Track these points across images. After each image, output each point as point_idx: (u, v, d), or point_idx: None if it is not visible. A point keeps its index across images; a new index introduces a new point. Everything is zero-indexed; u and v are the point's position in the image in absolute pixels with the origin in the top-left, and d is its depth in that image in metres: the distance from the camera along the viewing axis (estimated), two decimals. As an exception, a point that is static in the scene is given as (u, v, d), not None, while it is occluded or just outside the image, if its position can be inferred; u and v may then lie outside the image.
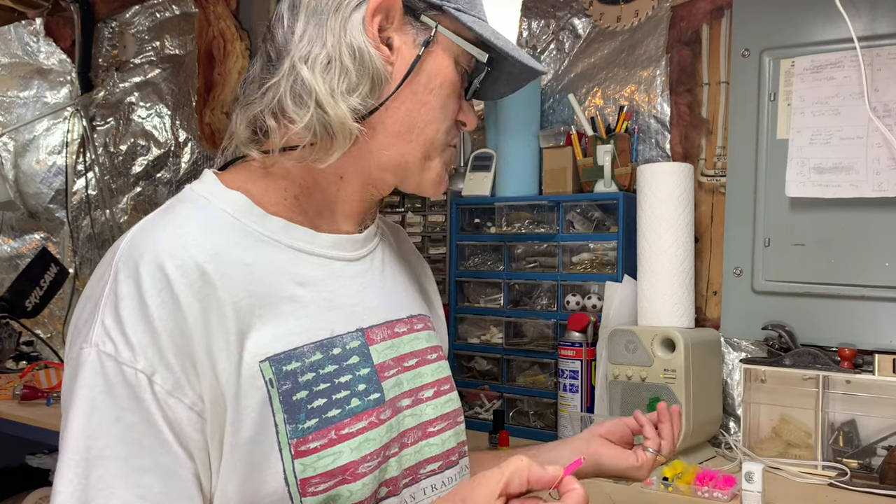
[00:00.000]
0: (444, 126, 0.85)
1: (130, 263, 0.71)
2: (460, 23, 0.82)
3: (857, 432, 1.44)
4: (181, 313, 0.69)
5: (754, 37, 1.64)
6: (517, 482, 0.65)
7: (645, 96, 1.83)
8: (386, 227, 0.99)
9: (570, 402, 1.62)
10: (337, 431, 0.75)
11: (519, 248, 1.88)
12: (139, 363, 0.68)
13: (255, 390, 0.72)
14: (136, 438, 0.67)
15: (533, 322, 1.85)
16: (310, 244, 0.82)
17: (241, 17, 2.64)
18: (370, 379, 0.81)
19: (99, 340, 0.69)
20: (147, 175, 2.94)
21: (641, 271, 1.60)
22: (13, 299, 2.57)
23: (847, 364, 1.44)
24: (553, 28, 1.98)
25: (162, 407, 0.68)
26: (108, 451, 0.67)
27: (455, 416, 0.92)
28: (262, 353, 0.73)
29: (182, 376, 0.69)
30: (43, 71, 3.26)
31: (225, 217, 0.78)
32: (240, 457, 0.71)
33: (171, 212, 0.78)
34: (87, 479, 0.66)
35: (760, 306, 1.61)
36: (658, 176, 1.58)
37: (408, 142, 0.84)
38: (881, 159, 1.47)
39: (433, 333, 0.95)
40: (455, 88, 0.85)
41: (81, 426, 0.67)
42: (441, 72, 0.84)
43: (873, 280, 1.49)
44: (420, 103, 0.83)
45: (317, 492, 0.73)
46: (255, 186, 0.81)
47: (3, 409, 2.04)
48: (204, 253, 0.73)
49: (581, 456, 0.72)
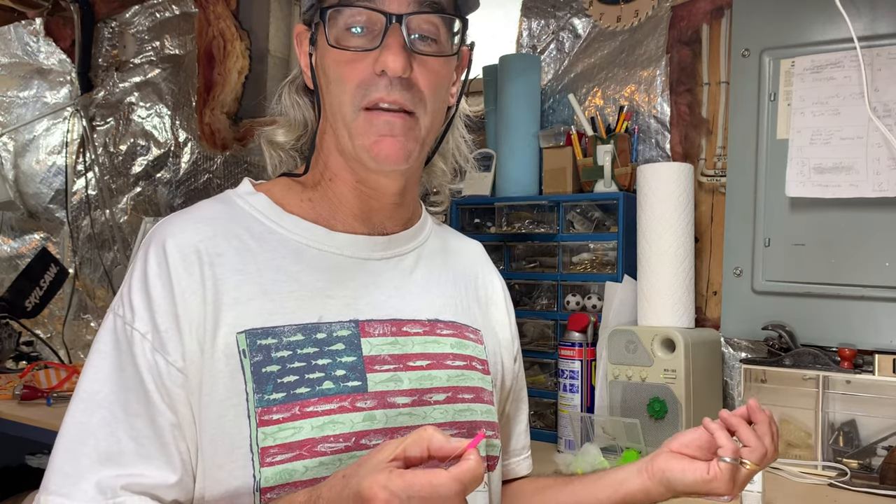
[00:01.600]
0: (344, 96, 0.85)
1: (146, 244, 0.84)
2: None
3: (857, 432, 1.44)
4: (171, 283, 0.81)
5: (754, 37, 1.64)
6: (417, 449, 0.66)
7: (645, 96, 1.83)
8: (443, 238, 1.02)
9: (570, 402, 1.62)
10: (301, 408, 0.80)
11: (519, 248, 1.88)
12: (137, 323, 0.80)
13: (228, 357, 0.80)
14: (131, 387, 0.79)
15: (533, 322, 1.85)
16: (321, 240, 0.88)
17: (241, 17, 2.64)
18: (353, 367, 0.83)
19: (116, 304, 0.83)
20: (147, 175, 2.94)
21: (641, 271, 1.60)
22: (13, 299, 2.58)
23: (847, 364, 1.44)
24: (553, 28, 1.98)
25: (148, 361, 0.79)
26: (112, 397, 0.79)
27: (473, 427, 0.91)
28: (240, 326, 0.81)
29: (166, 336, 0.80)
30: (43, 71, 3.26)
31: (240, 212, 0.88)
32: (210, 415, 0.79)
33: (195, 206, 0.90)
34: (91, 416, 0.78)
35: (760, 306, 1.61)
36: (658, 176, 1.58)
37: (333, 129, 0.88)
38: (881, 159, 1.47)
39: (468, 343, 0.94)
40: (346, 56, 0.84)
41: (93, 373, 0.80)
42: (324, 51, 0.87)
43: (873, 280, 1.49)
44: (326, 93, 0.89)
45: (274, 462, 0.78)
46: (280, 190, 0.92)
47: (3, 409, 2.04)
48: (201, 234, 0.84)
49: (483, 431, 0.72)
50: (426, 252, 0.97)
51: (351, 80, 0.84)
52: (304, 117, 0.95)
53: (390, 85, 0.83)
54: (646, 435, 1.46)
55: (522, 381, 1.09)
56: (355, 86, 0.84)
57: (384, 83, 0.83)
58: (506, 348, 1.03)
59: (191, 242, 0.83)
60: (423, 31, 0.85)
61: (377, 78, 0.83)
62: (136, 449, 0.78)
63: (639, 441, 1.45)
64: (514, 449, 1.08)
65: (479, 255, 1.08)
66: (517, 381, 1.06)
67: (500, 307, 1.05)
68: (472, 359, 0.94)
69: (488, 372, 0.96)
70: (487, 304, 1.03)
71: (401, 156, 0.84)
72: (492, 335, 1.01)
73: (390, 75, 0.82)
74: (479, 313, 1.00)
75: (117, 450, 0.77)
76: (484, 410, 0.93)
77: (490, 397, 0.95)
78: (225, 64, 2.62)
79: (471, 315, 0.98)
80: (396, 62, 0.82)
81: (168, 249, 0.82)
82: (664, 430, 1.47)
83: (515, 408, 1.08)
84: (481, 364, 0.95)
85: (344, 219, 0.90)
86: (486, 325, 1.00)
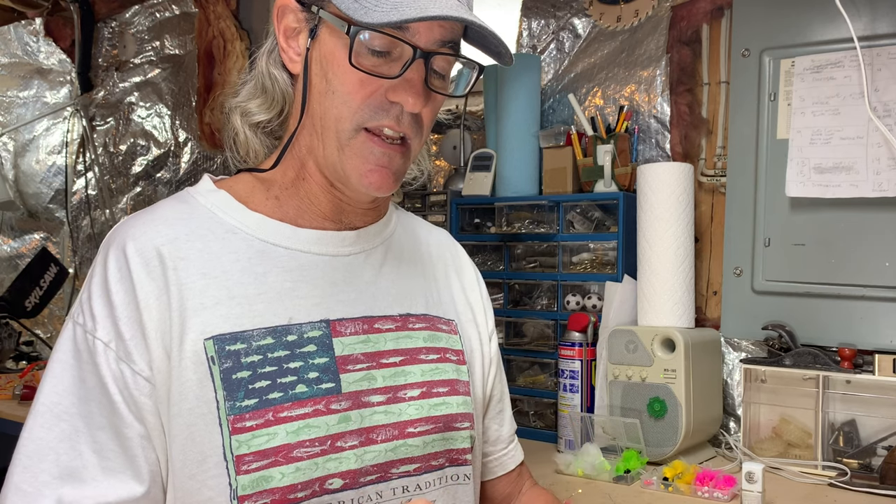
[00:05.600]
0: (346, 111, 0.81)
1: (105, 248, 0.82)
2: None
3: (857, 432, 1.44)
4: (133, 289, 0.78)
5: (754, 37, 1.64)
6: None
7: (645, 96, 1.83)
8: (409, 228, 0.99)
9: (570, 402, 1.62)
10: (275, 414, 0.78)
11: (519, 248, 1.88)
12: (98, 332, 0.77)
13: (196, 365, 0.77)
14: (94, 398, 0.76)
15: (533, 322, 1.85)
16: (287, 238, 0.86)
17: (241, 17, 2.64)
18: (326, 369, 0.82)
19: (76, 312, 0.80)
20: (147, 175, 2.94)
21: (641, 271, 1.60)
22: (13, 299, 2.58)
23: (847, 364, 1.44)
24: (553, 28, 1.98)
25: (113, 371, 0.76)
26: (73, 409, 0.76)
27: (449, 420, 0.90)
28: (207, 332, 0.78)
29: (132, 345, 0.77)
30: (43, 71, 3.26)
31: (202, 211, 0.85)
32: (179, 425, 0.77)
33: (154, 206, 0.87)
34: (50, 430, 0.75)
35: (760, 306, 1.61)
36: (658, 176, 1.58)
37: (319, 135, 0.84)
38: (881, 159, 1.47)
39: (441, 335, 0.94)
40: (360, 73, 0.80)
41: (52, 384, 0.77)
42: (331, 57, 0.81)
43: (873, 280, 1.49)
44: (319, 94, 0.83)
45: (250, 470, 0.77)
46: (244, 188, 0.88)
47: (3, 409, 2.04)
48: (162, 237, 0.81)
49: None
50: (394, 244, 0.95)
51: (358, 97, 0.81)
52: (283, 97, 0.89)
53: (400, 116, 0.81)
54: (646, 435, 1.46)
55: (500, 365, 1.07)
56: (362, 104, 0.81)
57: (394, 113, 0.81)
58: (483, 331, 1.02)
59: (153, 245, 0.80)
60: (439, 67, 0.84)
61: (388, 104, 0.81)
62: (100, 462, 0.75)
63: (639, 441, 1.45)
64: (501, 437, 1.07)
65: (446, 238, 1.06)
66: (494, 365, 1.04)
67: (475, 290, 1.04)
68: (445, 350, 0.93)
69: (463, 361, 0.95)
70: (463, 288, 1.02)
71: (390, 186, 0.84)
72: (468, 320, 1.00)
73: (406, 111, 0.81)
74: (451, 300, 0.99)
75: (79, 464, 0.75)
76: (459, 402, 0.92)
77: (466, 388, 0.94)
78: (225, 64, 2.62)
79: (443, 305, 0.97)
80: (417, 103, 0.81)
81: (129, 253, 0.79)
82: (664, 430, 1.47)
83: (499, 390, 1.07)
84: (456, 355, 0.94)
85: (312, 218, 0.88)
86: (461, 312, 1.00)
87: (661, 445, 1.47)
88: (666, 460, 1.44)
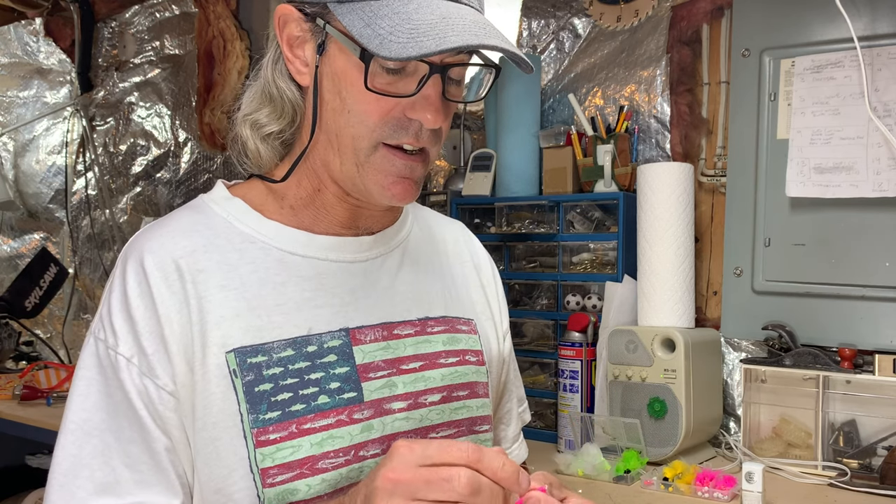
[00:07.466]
0: (363, 129, 0.79)
1: (124, 261, 0.81)
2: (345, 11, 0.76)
3: (857, 432, 1.44)
4: (154, 303, 0.77)
5: (754, 37, 1.64)
6: (495, 463, 0.64)
7: (645, 96, 1.83)
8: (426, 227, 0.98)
9: (570, 402, 1.62)
10: (298, 425, 0.78)
11: (519, 248, 1.88)
12: (121, 347, 0.77)
13: (220, 378, 0.77)
14: (122, 412, 0.76)
15: (533, 322, 1.85)
16: (304, 246, 0.85)
17: (241, 17, 2.64)
18: (348, 378, 0.82)
19: (97, 328, 0.79)
20: (147, 175, 2.94)
21: (641, 271, 1.60)
22: (13, 299, 2.58)
23: (847, 364, 1.44)
24: (553, 28, 1.98)
25: (137, 387, 0.76)
26: (103, 424, 0.76)
27: (471, 424, 0.90)
28: (228, 345, 0.78)
29: (154, 359, 0.76)
30: (43, 71, 3.26)
31: (218, 220, 0.84)
32: (203, 438, 0.77)
33: (170, 216, 0.86)
34: (82, 447, 0.76)
35: (760, 306, 1.61)
36: (658, 176, 1.58)
37: (335, 151, 0.82)
38: (881, 159, 1.47)
39: (461, 337, 0.93)
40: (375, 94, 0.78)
41: (80, 401, 0.77)
42: (343, 75, 0.79)
43: (873, 280, 1.49)
44: (332, 111, 0.81)
45: (275, 483, 0.76)
46: (258, 196, 0.87)
47: (3, 409, 2.04)
48: (180, 249, 0.80)
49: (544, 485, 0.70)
50: (411, 245, 0.94)
51: (375, 116, 0.78)
52: (292, 107, 0.86)
53: (419, 132, 0.79)
54: (646, 435, 1.46)
55: (514, 363, 1.07)
56: (379, 122, 0.78)
57: (414, 129, 0.79)
58: (499, 329, 1.02)
59: (171, 258, 0.79)
60: (455, 74, 0.81)
61: (407, 121, 0.79)
62: (133, 476, 0.75)
63: (639, 441, 1.45)
64: (506, 437, 1.07)
65: (462, 233, 1.05)
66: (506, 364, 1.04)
67: (492, 285, 1.03)
68: (465, 353, 0.93)
69: (483, 362, 0.95)
70: (481, 285, 1.01)
71: (413, 195, 0.83)
72: (486, 318, 0.99)
73: (427, 127, 0.79)
74: (470, 299, 0.98)
75: (113, 479, 0.75)
76: (479, 405, 0.92)
77: (485, 389, 0.94)
78: (225, 64, 2.62)
79: (462, 305, 0.96)
80: (437, 118, 0.79)
81: (147, 267, 0.78)
82: (664, 430, 1.47)
83: (509, 389, 1.06)
84: (475, 356, 0.94)
85: (328, 225, 0.87)
86: (479, 311, 0.99)
87: (661, 445, 1.47)
88: (666, 460, 1.44)
